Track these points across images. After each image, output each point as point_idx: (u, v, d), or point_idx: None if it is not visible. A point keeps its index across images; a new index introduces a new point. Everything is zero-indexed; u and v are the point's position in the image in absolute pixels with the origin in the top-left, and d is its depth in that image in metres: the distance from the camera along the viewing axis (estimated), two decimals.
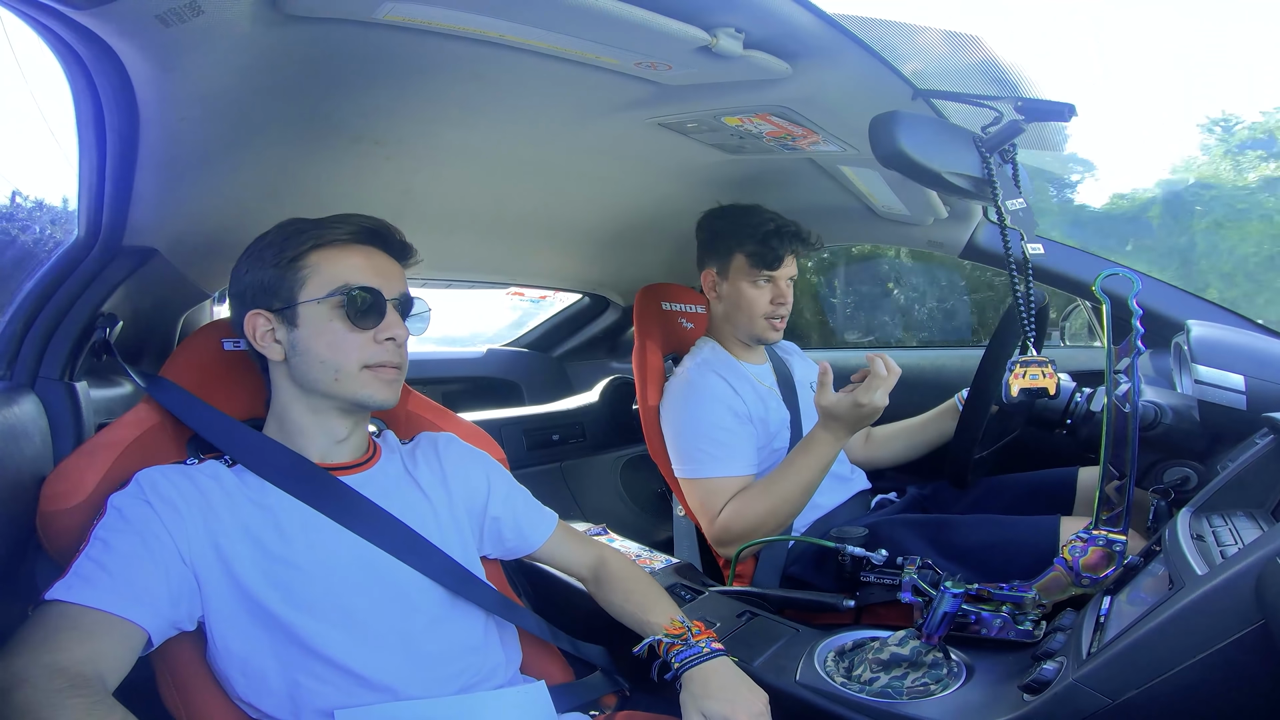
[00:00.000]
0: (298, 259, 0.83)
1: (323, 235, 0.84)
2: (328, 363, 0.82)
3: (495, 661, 0.88)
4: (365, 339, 0.83)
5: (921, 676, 0.87)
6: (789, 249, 1.36)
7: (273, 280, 0.84)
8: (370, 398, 0.84)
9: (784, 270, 1.38)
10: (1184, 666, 0.63)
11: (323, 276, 0.83)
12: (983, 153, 0.97)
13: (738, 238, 1.39)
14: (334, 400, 0.85)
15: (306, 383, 0.84)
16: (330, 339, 0.82)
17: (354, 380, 0.83)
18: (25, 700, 0.59)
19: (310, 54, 0.85)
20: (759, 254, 1.36)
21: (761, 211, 1.40)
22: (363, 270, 0.84)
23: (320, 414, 0.86)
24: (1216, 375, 0.99)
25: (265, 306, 0.84)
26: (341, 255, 0.84)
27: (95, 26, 0.66)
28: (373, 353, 0.84)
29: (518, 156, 1.28)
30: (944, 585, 0.93)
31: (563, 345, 2.45)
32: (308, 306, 0.83)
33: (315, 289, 0.83)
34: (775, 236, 1.35)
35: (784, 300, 1.39)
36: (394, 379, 0.86)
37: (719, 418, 1.31)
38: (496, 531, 0.98)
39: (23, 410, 0.82)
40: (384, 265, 0.87)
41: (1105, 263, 1.50)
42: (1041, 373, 0.97)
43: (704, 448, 1.30)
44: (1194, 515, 0.82)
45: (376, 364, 0.84)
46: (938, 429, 1.48)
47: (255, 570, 0.77)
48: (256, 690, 0.76)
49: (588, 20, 0.80)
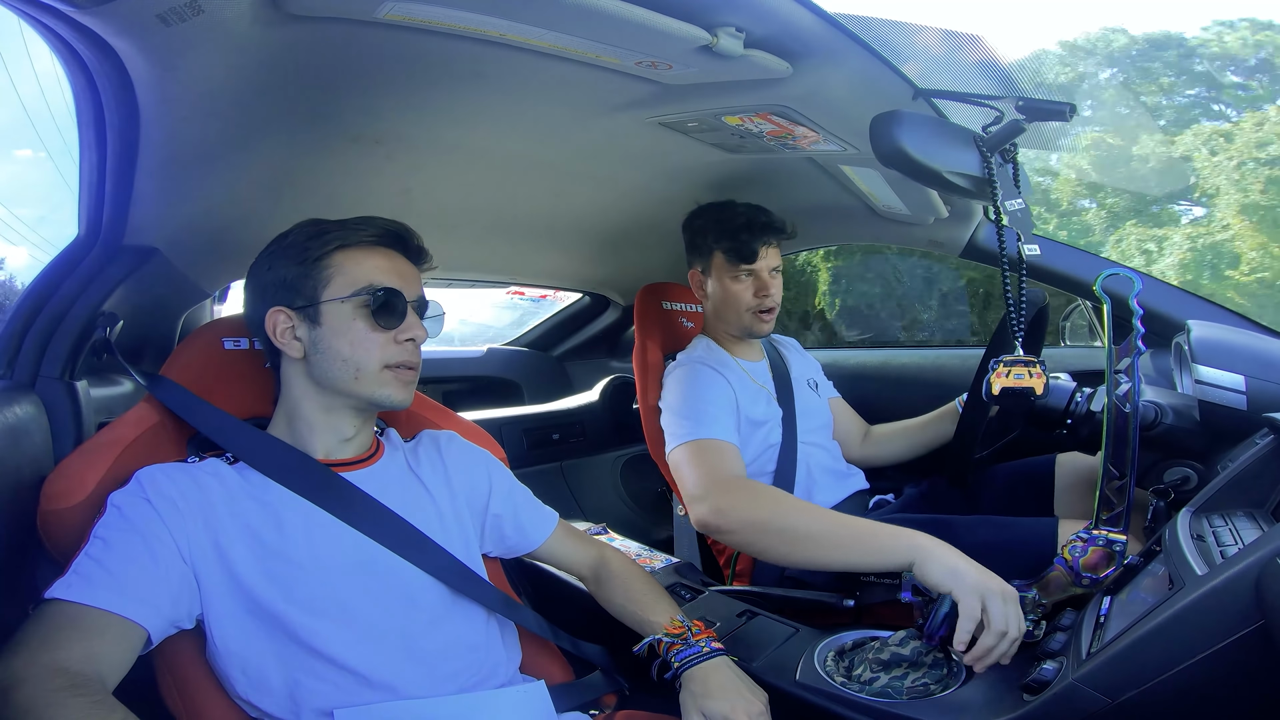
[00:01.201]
0: (322, 258, 0.84)
1: (347, 236, 0.85)
2: (349, 360, 0.83)
3: (496, 660, 0.88)
4: (386, 339, 0.84)
5: (921, 676, 0.87)
6: (762, 241, 1.37)
7: (296, 278, 0.84)
8: (389, 397, 0.85)
9: (763, 262, 1.39)
10: (1184, 666, 0.63)
11: (347, 276, 0.84)
12: (983, 152, 0.97)
13: (714, 235, 1.40)
14: (350, 399, 0.85)
15: (325, 380, 0.84)
16: (353, 338, 0.83)
17: (374, 379, 0.84)
18: (26, 699, 0.59)
19: (311, 53, 0.85)
20: (734, 249, 1.37)
21: (734, 206, 1.41)
22: (385, 272, 0.85)
23: (332, 412, 0.86)
24: (1217, 375, 0.99)
25: (287, 304, 0.84)
26: (365, 256, 0.85)
27: (96, 26, 0.66)
28: (393, 353, 0.85)
29: (518, 156, 1.28)
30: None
31: (563, 344, 2.46)
32: (331, 305, 0.83)
33: (339, 288, 0.83)
34: (746, 230, 1.37)
35: (767, 292, 1.39)
36: (411, 380, 0.87)
37: (712, 392, 1.29)
38: (498, 529, 0.98)
39: (23, 409, 0.82)
40: (404, 268, 0.88)
41: (1106, 263, 1.50)
42: (1028, 372, 0.97)
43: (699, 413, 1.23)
44: (1194, 515, 0.82)
45: (396, 364, 0.85)
46: (937, 431, 1.48)
47: (255, 568, 0.77)
48: (257, 689, 0.76)
49: (588, 19, 0.80)
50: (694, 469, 1.16)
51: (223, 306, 1.41)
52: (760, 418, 1.37)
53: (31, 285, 0.92)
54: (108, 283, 0.94)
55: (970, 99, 0.98)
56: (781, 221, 1.40)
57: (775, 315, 1.43)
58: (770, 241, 1.39)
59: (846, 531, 0.98)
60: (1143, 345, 0.89)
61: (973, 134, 0.97)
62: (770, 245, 1.39)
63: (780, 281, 1.42)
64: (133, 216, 0.94)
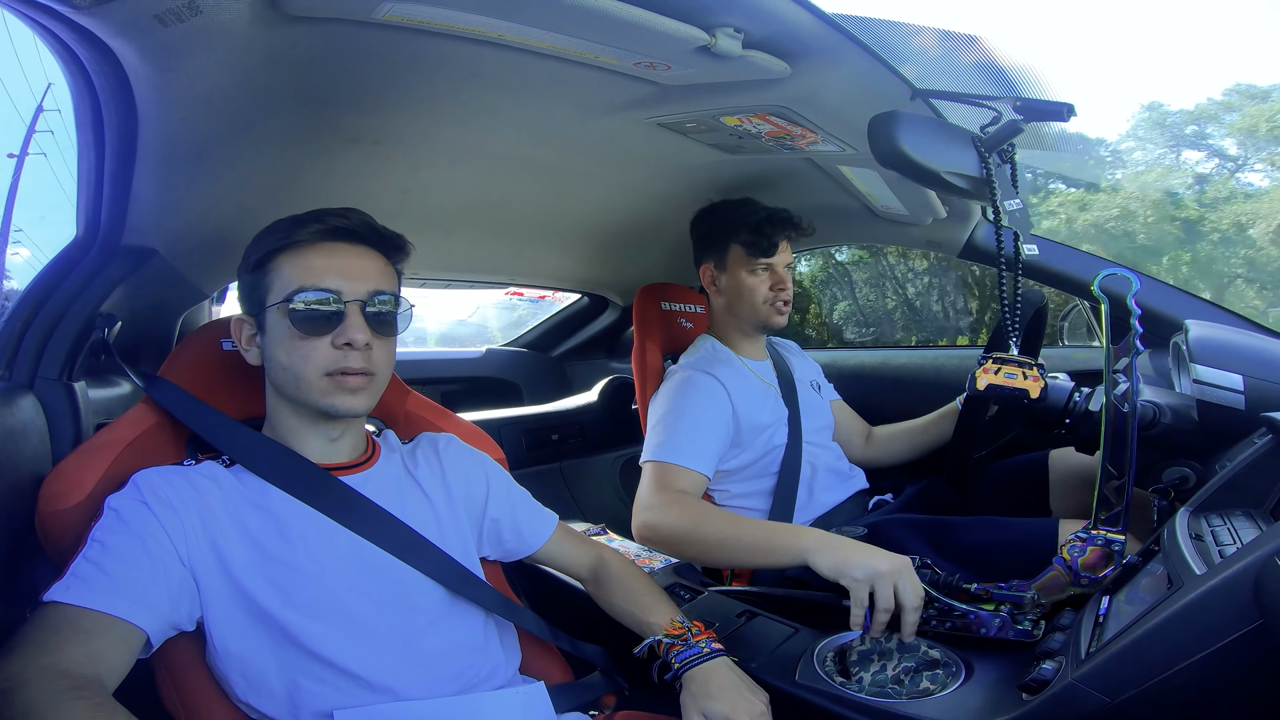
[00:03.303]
0: (263, 262, 0.82)
1: (288, 236, 0.81)
2: (288, 369, 0.80)
3: (495, 662, 0.88)
4: (321, 345, 0.79)
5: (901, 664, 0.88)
6: (782, 234, 1.40)
7: (247, 285, 0.84)
8: (333, 407, 0.80)
9: (780, 257, 1.40)
10: (1182, 666, 0.63)
11: (282, 280, 0.80)
12: (981, 152, 0.97)
13: (733, 229, 1.41)
14: (305, 407, 0.83)
15: (279, 389, 0.83)
16: (287, 346, 0.79)
17: (314, 389, 0.80)
18: (28, 702, 0.59)
19: (309, 54, 0.85)
20: (754, 242, 1.38)
21: (753, 203, 1.43)
22: (320, 271, 0.79)
23: (303, 418, 0.85)
24: (1215, 375, 0.99)
25: (245, 311, 0.85)
26: (302, 256, 0.80)
27: (94, 26, 0.66)
28: (331, 359, 0.79)
29: (516, 156, 1.28)
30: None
31: (562, 345, 2.46)
32: (270, 312, 0.81)
33: (275, 294, 0.80)
34: (768, 223, 1.39)
35: (784, 285, 1.41)
36: (360, 386, 0.81)
37: (701, 414, 1.29)
38: (495, 533, 0.98)
39: (21, 410, 0.81)
40: (351, 263, 0.81)
41: (1104, 263, 1.50)
42: (1022, 374, 0.97)
43: (677, 435, 1.26)
44: (1192, 515, 0.82)
45: (337, 371, 0.80)
46: (938, 431, 1.48)
47: (254, 571, 0.76)
48: (256, 691, 0.76)
49: (586, 20, 0.80)
50: (649, 484, 1.22)
51: (221, 307, 1.41)
52: (766, 421, 1.37)
53: (30, 286, 0.91)
54: (106, 284, 0.94)
55: (968, 99, 0.98)
56: (800, 218, 1.42)
57: (789, 308, 1.44)
58: (789, 236, 1.41)
59: (748, 537, 1.06)
60: (1141, 345, 0.90)
61: (971, 134, 0.98)
62: (788, 241, 1.42)
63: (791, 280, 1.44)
64: (131, 217, 0.94)
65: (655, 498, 1.18)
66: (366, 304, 0.81)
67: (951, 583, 0.98)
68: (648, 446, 1.29)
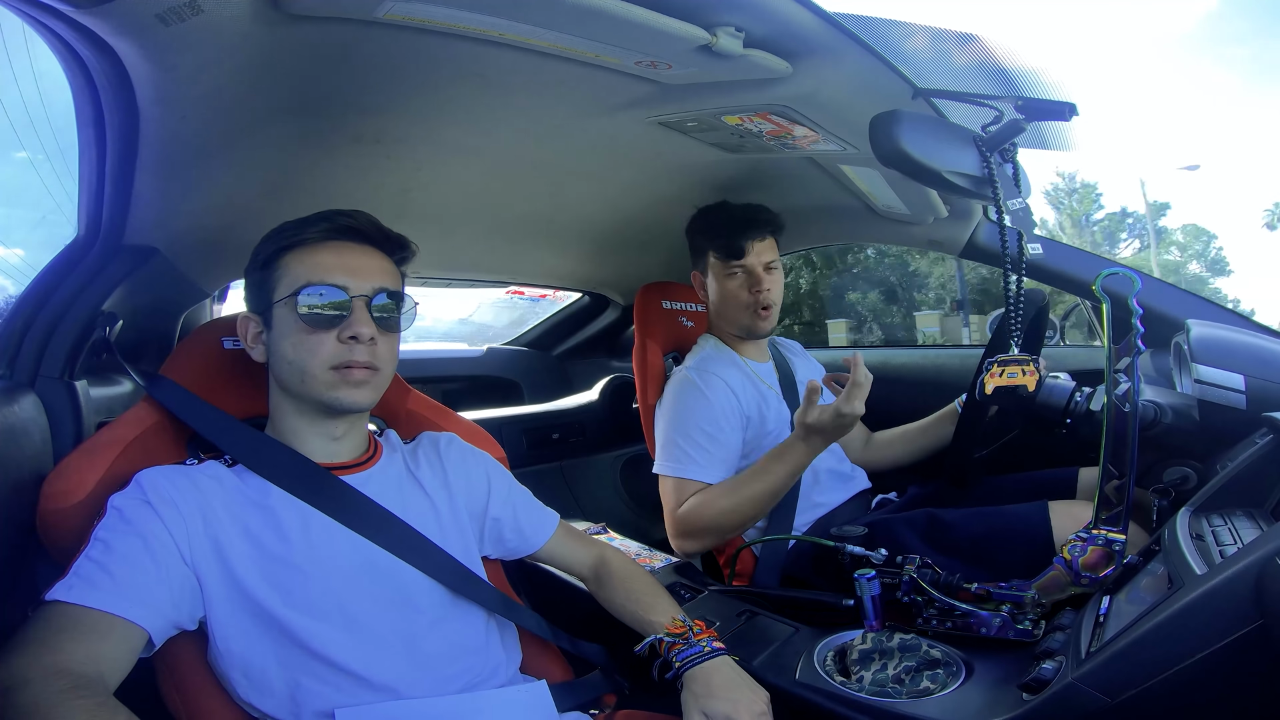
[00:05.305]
0: (271, 261, 0.84)
1: (296, 235, 0.84)
2: (294, 364, 0.82)
3: (496, 661, 0.88)
4: (328, 339, 0.81)
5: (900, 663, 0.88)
6: (748, 236, 1.38)
7: (255, 283, 0.85)
8: (338, 401, 0.82)
9: (754, 257, 1.39)
10: (1183, 666, 0.63)
11: (290, 277, 0.82)
12: (983, 152, 0.97)
13: (706, 236, 1.43)
14: (309, 402, 0.84)
15: (284, 384, 0.84)
16: (294, 340, 0.81)
17: (319, 382, 0.82)
18: (30, 701, 0.59)
19: (310, 53, 0.85)
20: (723, 247, 1.40)
21: (725, 206, 1.43)
22: (327, 268, 0.82)
23: (306, 415, 0.85)
24: (1216, 375, 0.99)
25: (251, 309, 0.86)
26: (310, 254, 0.83)
27: (95, 26, 0.66)
28: (337, 353, 0.81)
29: (518, 155, 1.28)
30: (858, 575, 0.98)
31: (563, 344, 2.46)
32: (277, 308, 0.83)
33: (283, 290, 0.82)
34: (731, 225, 1.39)
35: (762, 288, 1.39)
36: (365, 379, 0.83)
37: (707, 421, 1.31)
38: (497, 532, 0.98)
39: (23, 409, 0.81)
40: (357, 261, 0.84)
41: (1106, 262, 1.50)
42: (1020, 370, 0.97)
43: (684, 448, 1.31)
44: (1193, 515, 0.82)
45: (342, 365, 0.81)
46: (938, 433, 1.48)
47: (255, 571, 0.77)
48: (258, 691, 0.76)
49: (588, 19, 0.80)
50: (668, 501, 1.33)
51: (222, 306, 1.41)
52: (770, 425, 1.37)
53: (31, 285, 0.92)
54: (107, 282, 0.94)
55: (969, 98, 0.98)
56: (769, 215, 1.41)
57: (775, 313, 1.42)
58: (758, 236, 1.39)
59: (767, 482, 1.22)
60: (1142, 345, 0.90)
61: (972, 133, 0.97)
62: (760, 240, 1.39)
63: (778, 277, 1.42)
64: (132, 216, 0.94)
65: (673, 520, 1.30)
66: (372, 300, 0.83)
67: (952, 582, 0.98)
68: (658, 455, 1.34)
